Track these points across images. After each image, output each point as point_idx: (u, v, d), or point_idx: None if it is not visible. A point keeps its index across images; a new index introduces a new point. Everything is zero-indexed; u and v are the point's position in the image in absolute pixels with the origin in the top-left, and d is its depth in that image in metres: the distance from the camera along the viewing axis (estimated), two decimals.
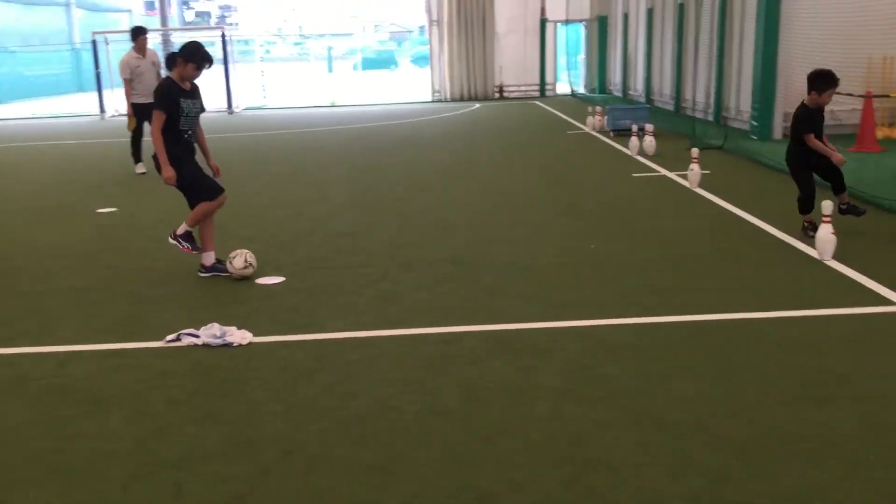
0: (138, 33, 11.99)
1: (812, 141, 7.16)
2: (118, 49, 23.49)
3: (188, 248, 6.59)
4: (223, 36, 25.35)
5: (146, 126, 12.21)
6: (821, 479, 3.37)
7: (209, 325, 5.29)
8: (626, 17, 23.35)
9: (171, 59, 6.36)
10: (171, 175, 6.32)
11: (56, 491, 3.54)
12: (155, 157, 6.37)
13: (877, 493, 3.25)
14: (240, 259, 6.49)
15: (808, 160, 7.27)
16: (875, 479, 3.35)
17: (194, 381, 4.63)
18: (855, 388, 4.24)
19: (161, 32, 29.94)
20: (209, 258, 6.66)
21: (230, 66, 24.60)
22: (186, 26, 38.29)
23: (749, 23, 14.02)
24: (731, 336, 5.04)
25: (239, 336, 5.21)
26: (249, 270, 6.49)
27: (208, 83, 6.52)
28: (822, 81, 7.16)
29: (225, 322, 5.39)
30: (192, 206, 6.60)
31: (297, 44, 65.59)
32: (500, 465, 3.60)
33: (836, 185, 7.32)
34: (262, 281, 6.44)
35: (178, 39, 29.97)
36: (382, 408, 4.19)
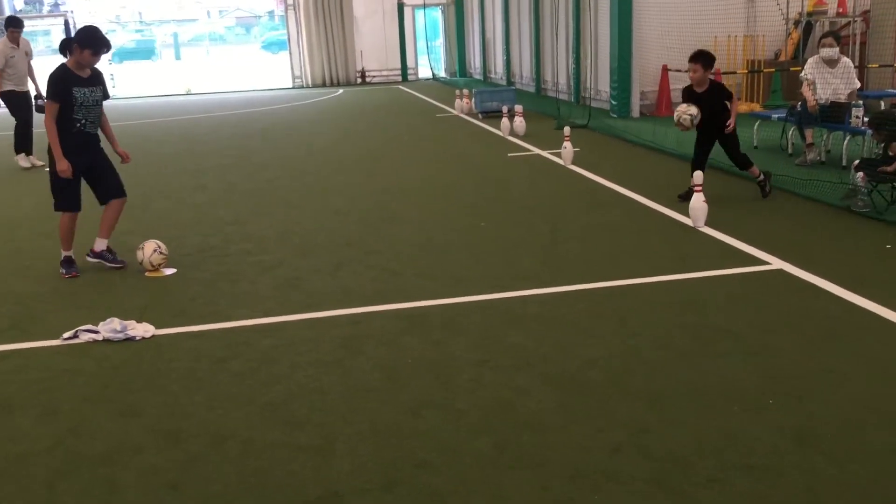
0: (16, 25, 11.57)
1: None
2: None
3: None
4: (66, 23, 24.14)
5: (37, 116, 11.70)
6: (729, 425, 3.65)
7: (108, 320, 5.14)
8: (482, 0, 23.76)
9: (66, 45, 6.04)
10: (64, 168, 6.04)
11: None
12: (49, 149, 6.10)
13: (780, 434, 3.56)
14: (150, 245, 6.32)
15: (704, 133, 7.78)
16: (776, 422, 3.67)
17: (103, 378, 4.50)
18: (743, 341, 4.58)
19: None
20: (100, 244, 6.46)
21: None
22: (24, 14, 36.02)
23: (604, 4, 14.59)
24: (624, 301, 5.32)
25: (141, 329, 5.09)
26: (159, 257, 6.30)
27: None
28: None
29: (121, 316, 5.24)
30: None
31: (137, 31, 62.83)
32: (431, 436, 3.70)
33: (734, 162, 7.90)
34: (151, 273, 6.29)
35: None
36: (305, 390, 4.21)
